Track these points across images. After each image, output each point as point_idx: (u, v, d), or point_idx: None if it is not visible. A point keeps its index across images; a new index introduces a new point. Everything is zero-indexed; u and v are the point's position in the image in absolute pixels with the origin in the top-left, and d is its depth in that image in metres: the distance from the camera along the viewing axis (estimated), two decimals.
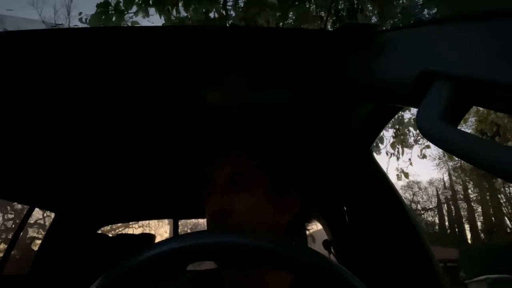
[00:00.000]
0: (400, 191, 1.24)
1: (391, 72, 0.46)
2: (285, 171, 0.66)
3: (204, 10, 2.59)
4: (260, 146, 0.66)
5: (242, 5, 2.76)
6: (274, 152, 0.67)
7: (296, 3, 2.70)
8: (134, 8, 2.58)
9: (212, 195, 0.62)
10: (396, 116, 3.81)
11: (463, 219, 26.19)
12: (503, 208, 23.35)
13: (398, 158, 4.51)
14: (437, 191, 27.81)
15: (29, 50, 0.52)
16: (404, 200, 0.95)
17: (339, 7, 2.76)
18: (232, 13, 2.82)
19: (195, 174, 0.72)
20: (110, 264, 0.38)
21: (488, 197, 24.06)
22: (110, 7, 2.51)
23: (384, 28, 0.52)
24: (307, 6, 2.82)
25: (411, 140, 4.76)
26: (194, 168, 0.73)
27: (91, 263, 1.27)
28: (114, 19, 2.53)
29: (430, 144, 1.09)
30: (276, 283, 0.59)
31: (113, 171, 1.09)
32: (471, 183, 24.93)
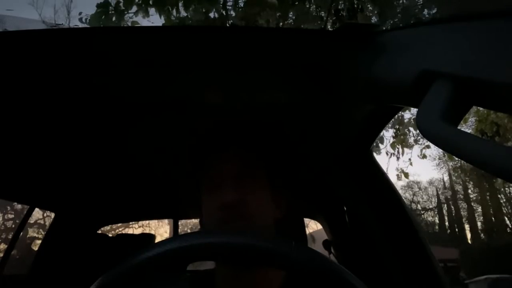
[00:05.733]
0: (400, 191, 1.24)
1: (391, 72, 0.46)
2: (279, 169, 0.68)
3: (204, 10, 2.59)
4: (259, 144, 0.67)
5: (242, 5, 2.76)
6: (272, 151, 0.69)
7: (296, 3, 2.71)
8: (134, 8, 2.58)
9: (221, 187, 0.61)
10: (396, 116, 3.81)
11: (463, 219, 26.20)
12: (503, 208, 23.34)
13: (398, 158, 4.52)
14: (437, 191, 27.82)
15: (29, 50, 0.52)
16: (404, 200, 0.95)
17: (339, 7, 2.76)
18: (232, 13, 2.82)
19: (195, 174, 0.73)
20: (110, 264, 0.38)
21: (488, 197, 24.04)
22: (110, 7, 2.51)
23: (384, 28, 0.52)
24: (307, 6, 2.82)
25: (411, 140, 4.76)
26: (194, 168, 0.73)
27: (91, 263, 1.27)
28: (114, 19, 2.53)
29: (430, 144, 1.09)
30: (269, 281, 0.59)
31: (113, 171, 1.09)
32: (471, 183, 24.93)
